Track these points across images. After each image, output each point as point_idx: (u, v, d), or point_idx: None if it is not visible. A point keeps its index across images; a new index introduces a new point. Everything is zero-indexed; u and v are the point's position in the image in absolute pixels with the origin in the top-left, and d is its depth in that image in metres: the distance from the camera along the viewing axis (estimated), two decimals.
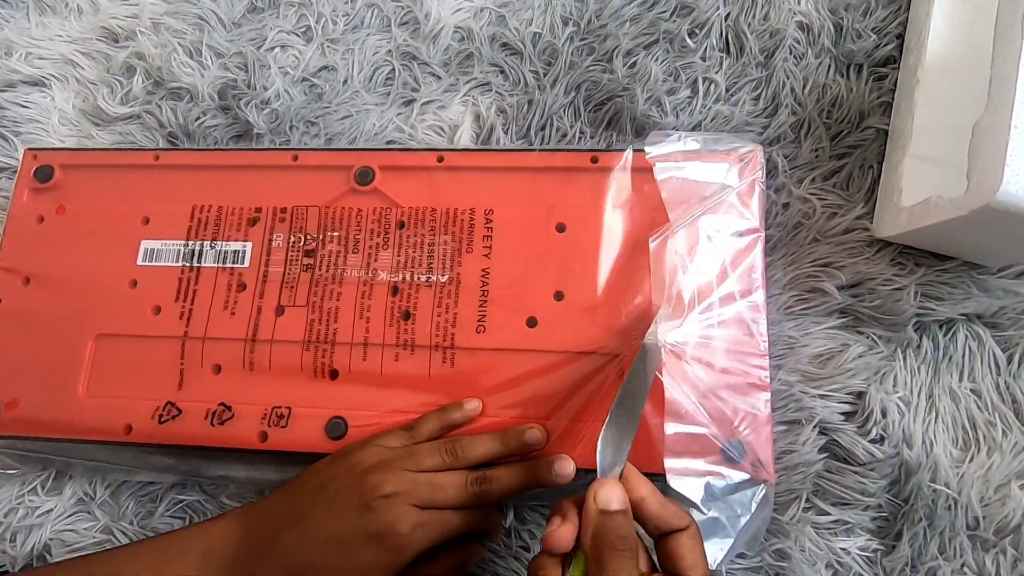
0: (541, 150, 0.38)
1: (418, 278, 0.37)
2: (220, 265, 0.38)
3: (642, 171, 0.37)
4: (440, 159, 0.38)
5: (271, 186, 0.39)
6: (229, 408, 0.36)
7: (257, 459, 0.37)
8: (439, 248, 0.37)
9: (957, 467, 0.34)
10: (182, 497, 0.38)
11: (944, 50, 0.37)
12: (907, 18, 0.40)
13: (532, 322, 0.35)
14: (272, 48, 0.44)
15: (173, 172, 0.40)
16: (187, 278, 0.38)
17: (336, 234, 0.38)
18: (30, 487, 0.38)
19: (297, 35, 0.45)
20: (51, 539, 0.38)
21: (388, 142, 0.43)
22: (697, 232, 0.35)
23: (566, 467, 0.31)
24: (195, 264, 0.38)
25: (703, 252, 0.35)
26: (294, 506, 0.30)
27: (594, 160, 0.37)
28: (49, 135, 0.45)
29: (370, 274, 0.37)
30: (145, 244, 0.39)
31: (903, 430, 0.35)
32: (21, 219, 0.40)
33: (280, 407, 0.35)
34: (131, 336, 0.38)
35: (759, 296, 0.34)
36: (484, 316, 0.36)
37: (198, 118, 0.43)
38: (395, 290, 0.36)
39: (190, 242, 0.39)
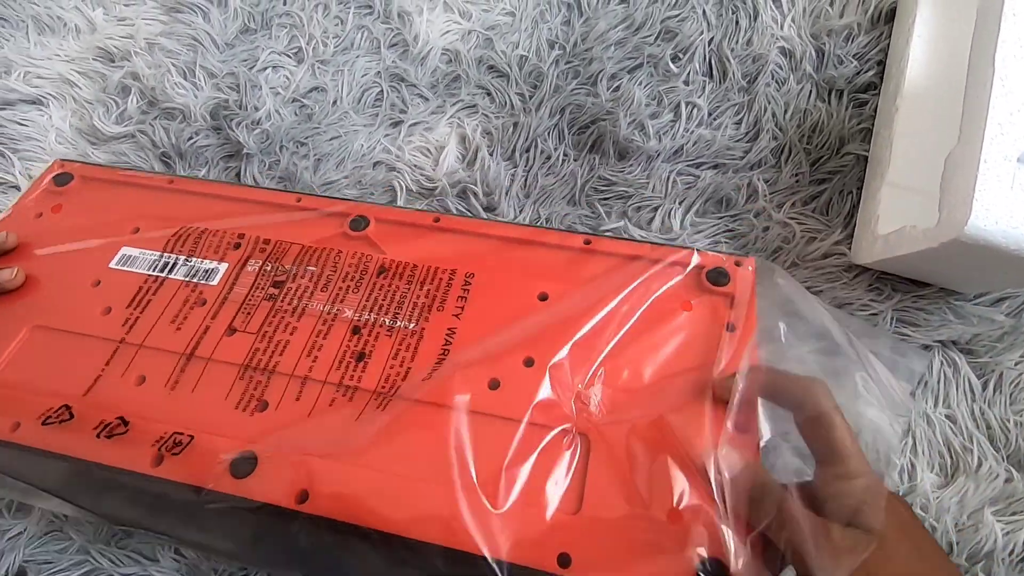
0: (535, 226, 0.37)
1: (382, 322, 0.35)
2: (187, 279, 0.37)
3: (637, 260, 0.35)
4: (436, 220, 0.38)
5: (266, 218, 0.39)
6: (126, 423, 0.32)
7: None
8: (411, 300, 0.35)
9: (933, 493, 0.35)
10: None
11: (923, 79, 0.37)
12: (888, 45, 0.40)
13: (495, 384, 0.32)
14: (264, 69, 0.45)
15: (180, 196, 0.40)
16: (148, 287, 0.37)
17: (312, 269, 0.37)
18: None
19: (288, 56, 0.46)
20: (26, 561, 0.36)
21: (375, 163, 0.43)
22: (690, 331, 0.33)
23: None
24: (163, 275, 0.37)
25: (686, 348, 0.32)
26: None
27: (587, 243, 0.36)
28: (46, 152, 0.46)
29: (333, 311, 0.35)
30: (125, 250, 0.39)
31: (878, 452, 0.35)
32: (23, 212, 0.40)
33: (182, 434, 0.32)
34: (68, 332, 0.36)
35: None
36: (437, 372, 0.33)
37: (190, 138, 0.44)
38: (355, 330, 0.35)
39: (166, 254, 0.38)
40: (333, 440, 0.31)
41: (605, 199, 0.41)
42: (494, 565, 0.26)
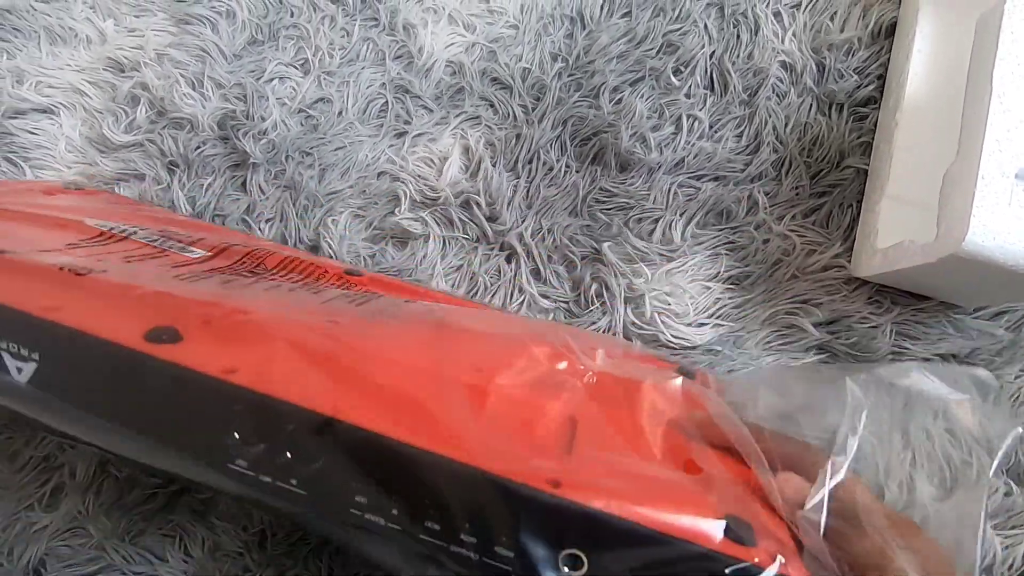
0: (525, 317, 0.38)
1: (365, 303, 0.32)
2: (158, 245, 0.34)
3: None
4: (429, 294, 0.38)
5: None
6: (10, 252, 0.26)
7: None
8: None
9: (932, 506, 0.35)
10: (171, 517, 0.39)
11: (923, 94, 0.38)
12: (888, 60, 0.41)
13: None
14: (271, 80, 0.46)
15: (192, 226, 0.41)
16: (112, 235, 0.33)
17: (294, 276, 0.36)
18: (27, 504, 0.40)
19: (295, 67, 0.46)
20: (47, 554, 0.39)
21: (380, 173, 0.44)
22: None
23: None
24: (132, 237, 0.34)
25: None
26: None
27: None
28: (56, 161, 0.46)
29: (312, 292, 0.33)
30: (108, 220, 0.36)
31: (877, 465, 0.35)
32: (18, 183, 0.41)
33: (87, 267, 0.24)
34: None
35: None
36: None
37: (198, 147, 0.45)
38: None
39: (146, 229, 0.35)
40: (286, 306, 0.25)
41: (606, 210, 0.41)
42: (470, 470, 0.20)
